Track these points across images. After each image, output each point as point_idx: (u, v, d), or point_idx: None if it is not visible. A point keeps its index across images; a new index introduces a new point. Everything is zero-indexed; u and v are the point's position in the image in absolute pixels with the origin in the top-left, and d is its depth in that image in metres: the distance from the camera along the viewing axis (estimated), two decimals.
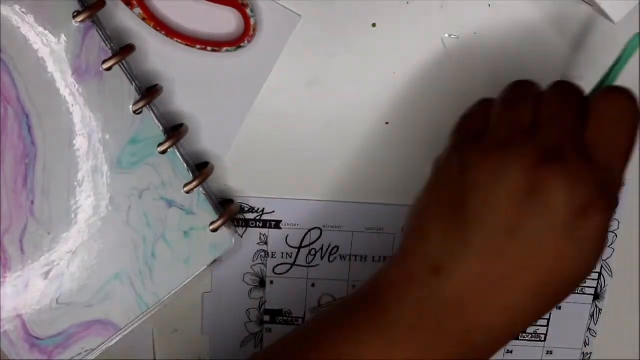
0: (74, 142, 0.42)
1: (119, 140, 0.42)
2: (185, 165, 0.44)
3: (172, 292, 0.45)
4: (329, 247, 0.48)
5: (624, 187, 0.48)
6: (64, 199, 0.42)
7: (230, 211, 0.45)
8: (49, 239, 0.43)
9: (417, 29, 0.45)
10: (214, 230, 0.44)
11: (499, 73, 0.46)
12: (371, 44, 0.45)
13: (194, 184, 0.44)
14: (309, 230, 0.48)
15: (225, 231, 0.45)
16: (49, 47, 0.40)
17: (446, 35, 0.45)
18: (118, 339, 0.45)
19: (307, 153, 0.47)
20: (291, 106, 0.46)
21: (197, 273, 0.45)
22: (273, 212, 0.47)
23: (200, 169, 0.45)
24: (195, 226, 0.44)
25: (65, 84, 0.41)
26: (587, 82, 0.47)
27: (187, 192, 0.44)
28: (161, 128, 0.43)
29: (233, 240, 0.45)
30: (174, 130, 0.44)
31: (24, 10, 0.40)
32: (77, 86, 0.41)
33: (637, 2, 0.42)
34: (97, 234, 0.43)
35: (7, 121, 0.41)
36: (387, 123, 0.47)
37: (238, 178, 0.47)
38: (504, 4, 0.45)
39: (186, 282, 0.45)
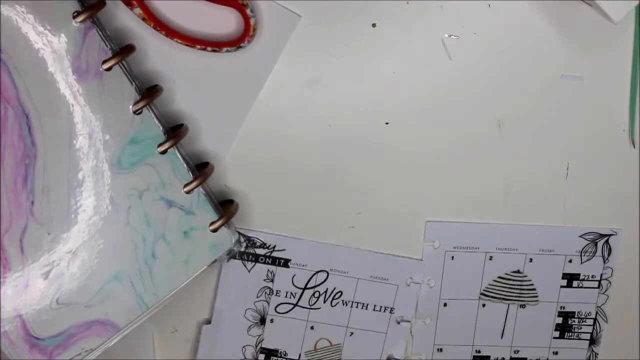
0: (74, 142, 0.42)
1: (119, 140, 0.42)
2: (185, 165, 0.44)
3: (172, 292, 0.45)
4: (333, 290, 0.49)
5: (616, 235, 0.49)
6: (64, 199, 0.42)
7: (230, 211, 0.45)
8: (49, 239, 0.43)
9: (417, 29, 0.45)
10: (214, 230, 0.44)
11: (498, 73, 0.46)
12: (371, 44, 0.45)
13: (194, 184, 0.44)
14: (316, 272, 0.48)
15: (225, 231, 0.45)
16: (49, 47, 0.40)
17: (446, 35, 0.45)
18: (118, 339, 0.45)
19: (307, 153, 0.47)
20: (291, 106, 0.46)
21: (197, 273, 0.45)
22: (284, 250, 0.48)
23: (200, 169, 0.45)
24: (195, 226, 0.44)
25: (65, 84, 0.41)
26: (587, 82, 0.47)
27: (187, 192, 0.44)
28: (161, 128, 0.43)
29: (233, 241, 0.45)
30: (174, 130, 0.44)
31: (24, 10, 0.40)
32: (77, 86, 0.41)
33: (637, 2, 0.42)
34: (97, 234, 0.43)
35: (7, 121, 0.41)
36: (387, 123, 0.47)
37: (238, 179, 0.47)
38: (504, 4, 0.45)
39: (186, 282, 0.45)
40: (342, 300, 0.49)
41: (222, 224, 0.44)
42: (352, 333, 0.49)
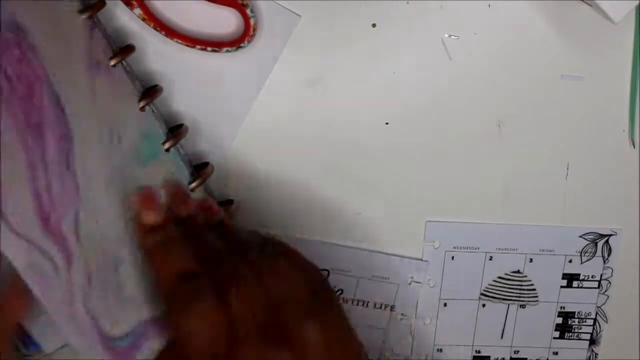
0: (96, 136, 0.39)
1: (130, 136, 0.42)
2: (185, 165, 0.44)
3: None
4: (333, 288, 0.49)
5: (616, 235, 0.49)
6: (102, 188, 0.39)
7: (229, 212, 0.45)
8: (98, 228, 0.39)
9: (417, 29, 0.45)
10: None
11: (499, 73, 0.46)
12: (371, 44, 0.45)
13: (194, 184, 0.44)
14: None
15: None
16: (63, 39, 0.38)
17: (446, 35, 0.45)
18: None
19: (307, 153, 0.47)
20: (291, 106, 0.46)
21: None
22: None
23: (200, 169, 0.45)
24: None
25: (83, 77, 0.39)
26: (587, 82, 0.47)
27: None
28: (161, 128, 0.43)
29: None
30: (174, 130, 0.44)
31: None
32: (90, 81, 0.39)
33: (637, 2, 0.42)
34: None
35: (44, 98, 0.36)
36: (387, 123, 0.47)
37: (238, 179, 0.47)
38: (504, 4, 0.45)
39: None
40: (343, 298, 0.49)
41: None
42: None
